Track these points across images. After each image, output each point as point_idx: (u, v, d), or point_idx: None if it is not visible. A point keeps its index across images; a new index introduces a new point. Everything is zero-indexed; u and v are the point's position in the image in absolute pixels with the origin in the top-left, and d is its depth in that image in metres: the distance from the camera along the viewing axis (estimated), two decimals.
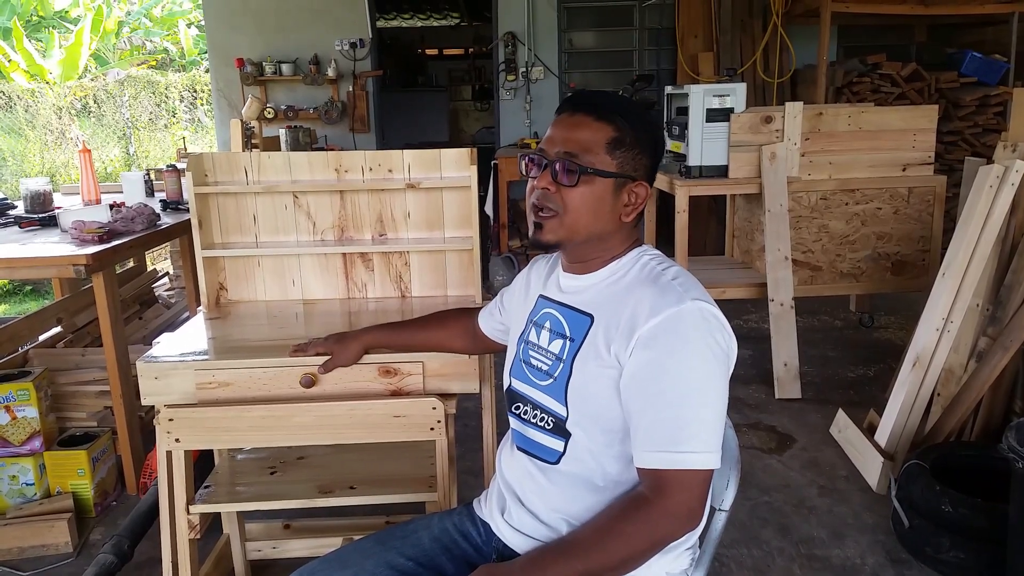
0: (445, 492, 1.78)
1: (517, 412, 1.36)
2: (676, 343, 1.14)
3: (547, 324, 1.33)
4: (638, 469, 1.17)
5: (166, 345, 1.83)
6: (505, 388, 1.40)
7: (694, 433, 1.11)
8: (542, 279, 1.42)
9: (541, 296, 1.39)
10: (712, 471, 1.14)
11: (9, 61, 10.25)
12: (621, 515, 1.15)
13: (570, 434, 1.25)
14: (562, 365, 1.26)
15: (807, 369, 3.74)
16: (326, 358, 1.68)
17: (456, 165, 2.15)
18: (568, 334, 1.28)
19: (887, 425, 2.80)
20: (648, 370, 1.14)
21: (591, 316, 1.26)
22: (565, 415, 1.25)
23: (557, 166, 1.23)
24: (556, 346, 1.29)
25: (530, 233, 1.30)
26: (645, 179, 1.28)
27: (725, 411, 1.17)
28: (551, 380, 1.28)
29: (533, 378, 1.32)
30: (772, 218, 3.61)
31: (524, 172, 1.30)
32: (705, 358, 1.13)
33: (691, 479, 1.12)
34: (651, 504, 1.13)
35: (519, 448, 1.35)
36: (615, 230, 1.28)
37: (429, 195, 2.17)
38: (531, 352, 1.34)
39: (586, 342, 1.24)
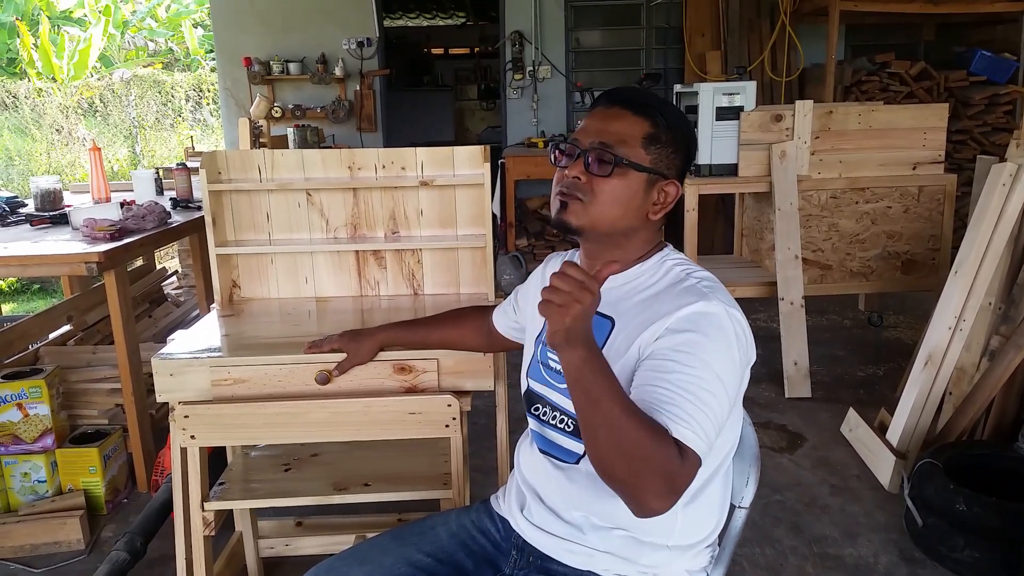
0: (459, 489, 1.77)
1: (536, 413, 1.35)
2: (694, 336, 1.12)
3: None
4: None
5: (180, 342, 1.83)
6: (523, 390, 1.39)
7: (695, 416, 1.06)
8: None
9: None
10: (698, 469, 1.07)
11: (28, 59, 10.27)
12: (659, 430, 1.04)
13: None
14: None
15: (816, 368, 3.74)
16: (341, 356, 1.68)
17: (469, 163, 2.15)
18: None
19: (899, 424, 2.80)
20: (663, 353, 1.12)
21: (612, 320, 1.24)
22: None
23: (591, 156, 1.22)
24: None
25: (553, 213, 1.27)
26: (677, 179, 1.27)
27: (726, 417, 1.13)
28: None
29: (551, 380, 1.31)
30: (782, 217, 3.61)
31: (554, 161, 1.28)
32: (719, 358, 1.11)
33: (691, 462, 1.05)
34: (675, 454, 1.04)
35: (540, 450, 1.35)
36: (640, 227, 1.27)
37: (442, 193, 2.16)
38: (549, 353, 1.32)
39: (606, 346, 1.22)
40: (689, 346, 1.11)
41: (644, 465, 1.02)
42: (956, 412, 2.71)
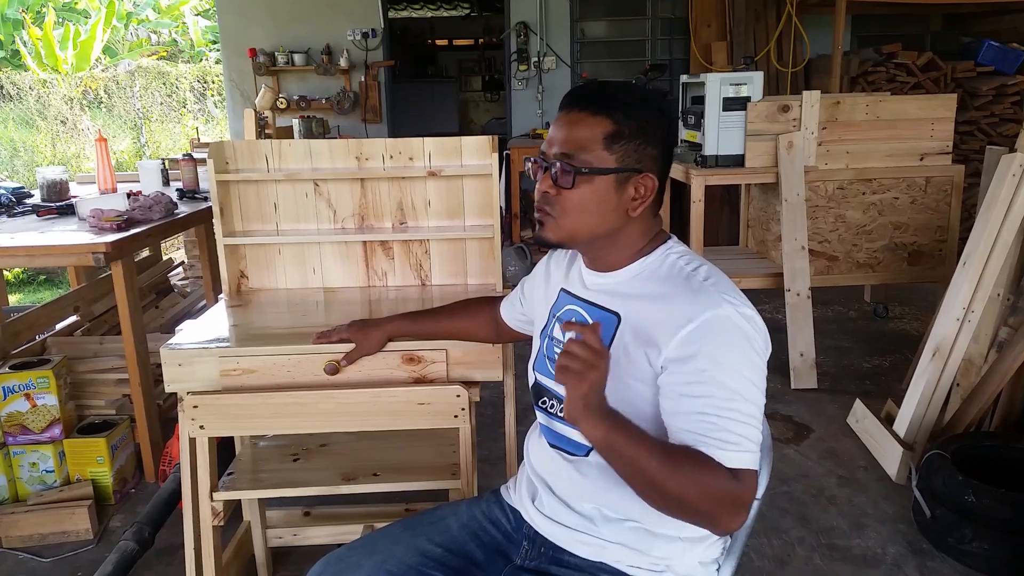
0: (468, 479, 1.78)
1: (543, 407, 1.35)
2: (721, 347, 1.11)
3: (572, 320, 1.30)
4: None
5: (189, 332, 1.83)
6: (530, 383, 1.39)
7: (746, 435, 1.09)
8: (563, 270, 1.40)
9: (563, 290, 1.37)
10: (756, 476, 1.12)
11: (33, 50, 10.26)
12: (703, 464, 1.07)
13: None
14: None
15: (822, 360, 3.73)
16: (350, 346, 1.68)
17: (477, 153, 2.14)
18: None
19: (906, 415, 2.79)
20: (691, 376, 1.11)
21: (617, 315, 1.23)
22: None
23: (555, 168, 1.21)
24: None
25: (535, 230, 1.29)
26: (653, 170, 1.22)
27: (762, 414, 1.14)
28: None
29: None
30: (789, 208, 3.59)
31: (532, 176, 1.28)
32: (745, 363, 1.11)
33: (750, 478, 1.09)
34: (727, 479, 1.07)
35: (549, 444, 1.34)
36: (624, 226, 1.24)
37: (450, 183, 2.16)
38: (556, 348, 1.32)
39: (614, 342, 1.21)
40: (712, 362, 1.10)
41: (699, 502, 1.07)
42: (964, 403, 2.71)
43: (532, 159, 1.27)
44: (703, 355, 1.11)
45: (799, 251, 3.59)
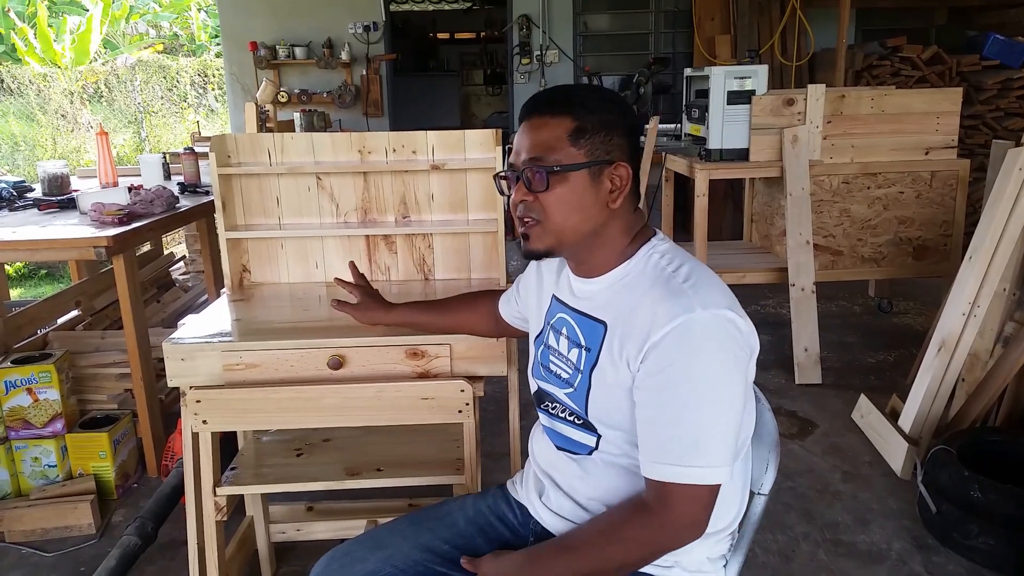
0: (472, 475, 1.77)
1: (546, 408, 1.34)
2: (687, 354, 1.09)
3: (563, 330, 1.29)
4: (644, 477, 1.14)
5: (191, 327, 1.82)
6: (533, 390, 1.39)
7: (704, 447, 1.08)
8: (553, 274, 1.39)
9: (554, 297, 1.35)
10: (719, 485, 1.10)
11: (27, 44, 10.23)
12: (622, 520, 1.15)
13: (600, 434, 1.23)
14: (580, 376, 1.23)
15: (826, 355, 3.71)
16: (355, 342, 1.67)
17: (480, 147, 2.13)
18: (583, 343, 1.24)
19: (911, 410, 2.78)
20: (658, 380, 1.10)
21: (604, 324, 1.21)
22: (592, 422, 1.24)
23: (527, 174, 1.20)
24: (574, 355, 1.26)
25: (521, 245, 1.27)
26: (625, 159, 1.21)
27: (740, 421, 1.12)
28: (572, 389, 1.25)
29: (552, 381, 1.30)
30: (793, 202, 3.58)
31: (502, 191, 1.27)
32: (718, 369, 1.09)
33: (697, 493, 1.09)
34: (654, 513, 1.11)
35: (556, 447, 1.33)
36: (607, 221, 1.22)
37: (453, 177, 2.14)
38: (551, 356, 1.31)
39: (602, 353, 1.20)
40: (675, 370, 1.09)
41: (633, 555, 1.14)
42: (969, 398, 2.70)
43: (501, 173, 1.26)
44: (667, 362, 1.10)
45: (803, 245, 3.57)
